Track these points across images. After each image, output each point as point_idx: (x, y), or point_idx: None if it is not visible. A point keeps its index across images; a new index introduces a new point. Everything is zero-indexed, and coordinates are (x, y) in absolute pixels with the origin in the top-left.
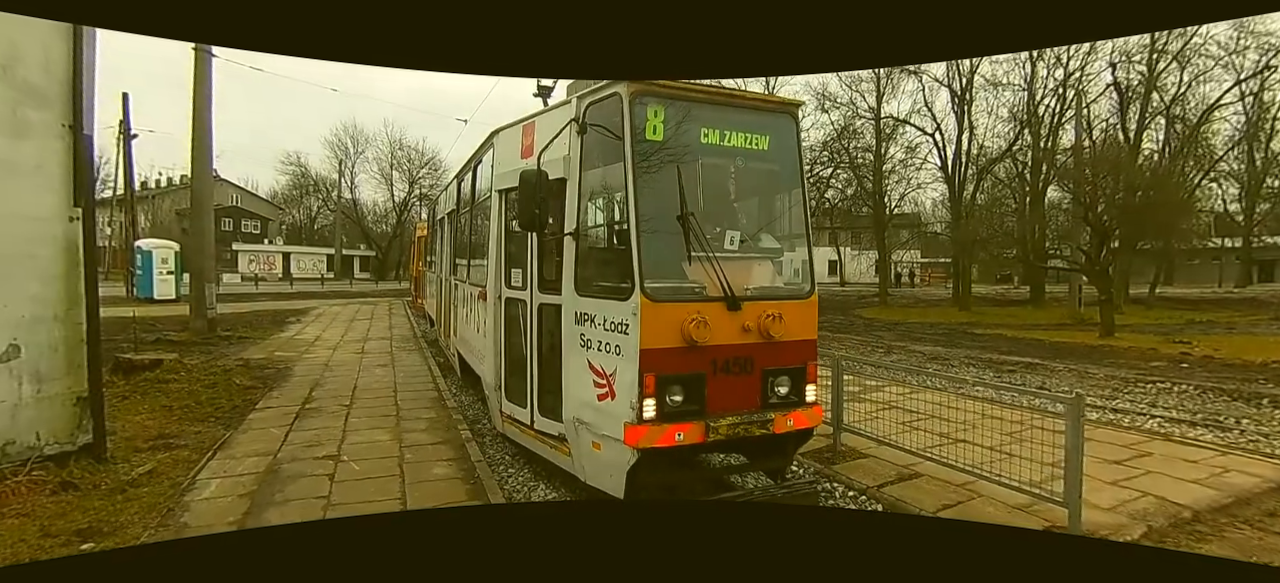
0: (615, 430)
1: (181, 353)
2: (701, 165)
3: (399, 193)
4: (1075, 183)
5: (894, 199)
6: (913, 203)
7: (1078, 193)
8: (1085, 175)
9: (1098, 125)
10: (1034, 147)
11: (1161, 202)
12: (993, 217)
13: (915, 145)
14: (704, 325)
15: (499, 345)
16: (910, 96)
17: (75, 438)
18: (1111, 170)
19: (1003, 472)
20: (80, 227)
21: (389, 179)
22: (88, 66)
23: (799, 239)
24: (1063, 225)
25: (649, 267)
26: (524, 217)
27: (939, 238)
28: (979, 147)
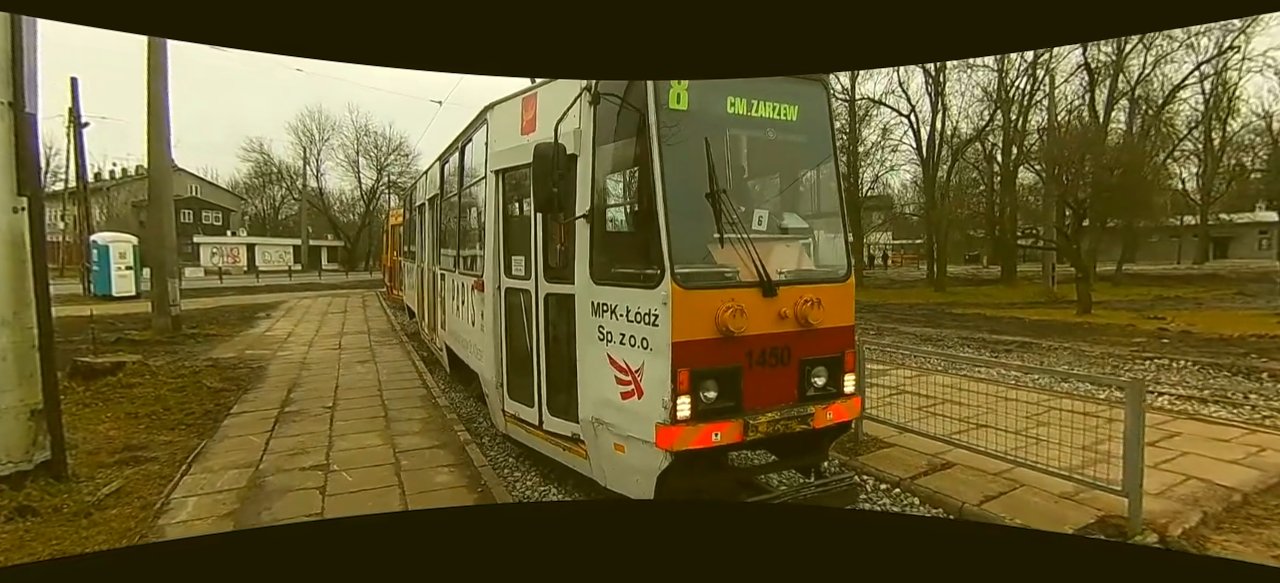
0: (643, 432)
1: (145, 354)
2: (729, 138)
3: (367, 181)
4: (1051, 162)
5: (867, 180)
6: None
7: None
8: (1061, 154)
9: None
10: (1006, 127)
11: (1136, 180)
12: (967, 197)
13: (889, 127)
14: (740, 314)
15: (499, 340)
16: (886, 77)
17: (31, 456)
18: (1087, 149)
19: (1035, 457)
20: (26, 218)
21: (356, 166)
22: (29, 36)
23: (832, 217)
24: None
25: (675, 251)
26: (540, 197)
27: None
28: (953, 128)
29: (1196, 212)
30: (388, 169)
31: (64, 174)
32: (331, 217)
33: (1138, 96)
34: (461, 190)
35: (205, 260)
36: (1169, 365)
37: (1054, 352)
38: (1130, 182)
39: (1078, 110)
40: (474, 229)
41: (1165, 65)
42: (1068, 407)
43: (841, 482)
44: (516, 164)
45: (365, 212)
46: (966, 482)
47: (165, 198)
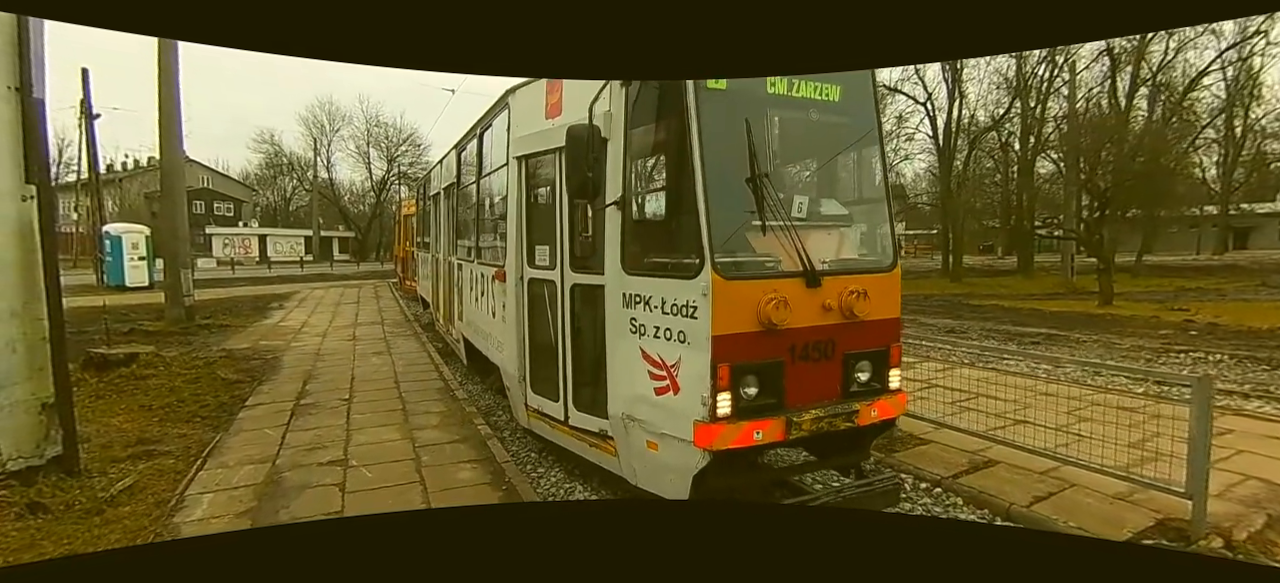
0: (680, 429)
1: (159, 345)
2: (769, 119)
3: (377, 172)
4: (1073, 150)
5: None
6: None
7: (1074, 160)
8: (1084, 142)
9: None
10: (1024, 115)
11: (1159, 168)
12: (983, 187)
13: (904, 115)
14: (784, 306)
15: (522, 332)
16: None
17: (42, 451)
18: (1111, 136)
19: (1082, 454)
20: (35, 206)
21: (366, 157)
22: (35, 19)
23: (877, 203)
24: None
25: (714, 239)
26: (573, 182)
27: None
28: (969, 115)
29: (1216, 201)
30: (398, 160)
31: (77, 165)
32: (342, 208)
33: (1159, 83)
34: (480, 178)
35: (217, 251)
36: (1204, 359)
37: (1083, 344)
38: (1153, 170)
39: (1097, 98)
40: (493, 218)
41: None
42: (1110, 402)
43: (884, 482)
44: (541, 150)
45: (376, 202)
46: (1012, 481)
47: (177, 189)
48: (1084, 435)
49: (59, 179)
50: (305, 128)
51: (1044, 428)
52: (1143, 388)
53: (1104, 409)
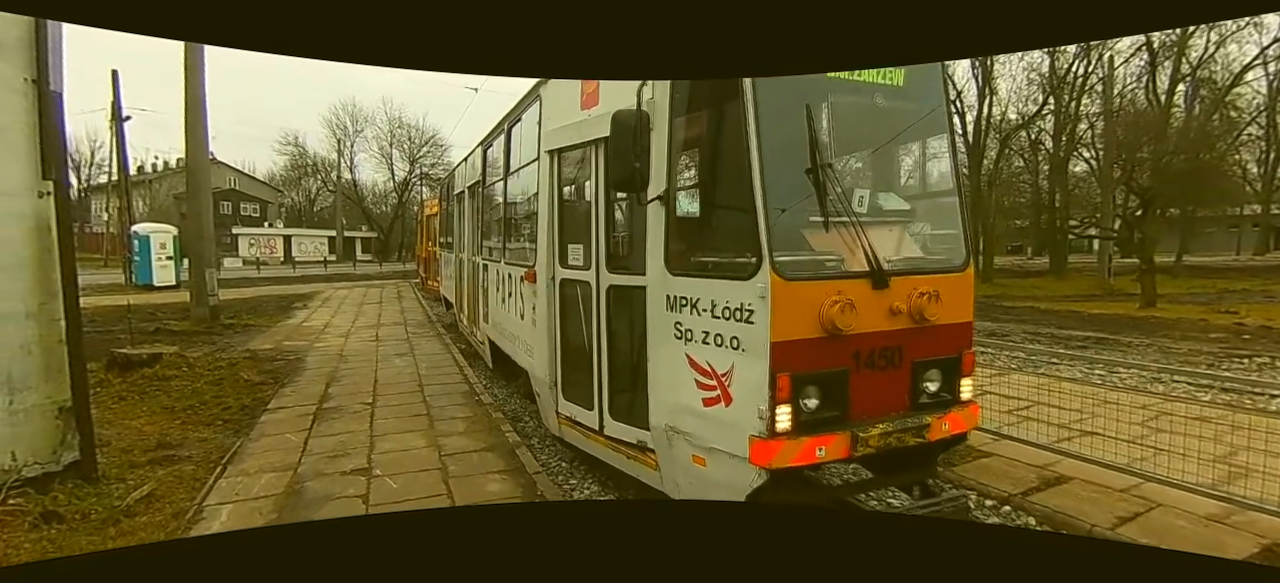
0: (733, 444)
1: (183, 345)
2: (829, 106)
3: (399, 173)
4: (1113, 147)
5: None
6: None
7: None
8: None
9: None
10: (1057, 112)
11: (1206, 166)
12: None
13: None
14: (850, 309)
15: (553, 336)
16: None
17: (59, 456)
18: (1152, 133)
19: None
20: (52, 203)
21: (389, 158)
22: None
23: (947, 196)
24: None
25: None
26: (617, 174)
27: None
28: (1001, 113)
29: (1258, 200)
30: (421, 161)
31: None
32: (365, 208)
33: (1200, 78)
34: (508, 175)
35: (243, 251)
36: (1271, 364)
37: (1137, 348)
38: (1199, 167)
39: (1132, 94)
40: (521, 217)
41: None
42: (1182, 410)
43: (951, 501)
44: (575, 142)
45: (398, 203)
46: (1089, 500)
47: (203, 190)
48: (1162, 448)
49: (91, 180)
50: (329, 129)
51: (1115, 440)
52: (1208, 396)
53: (1176, 419)
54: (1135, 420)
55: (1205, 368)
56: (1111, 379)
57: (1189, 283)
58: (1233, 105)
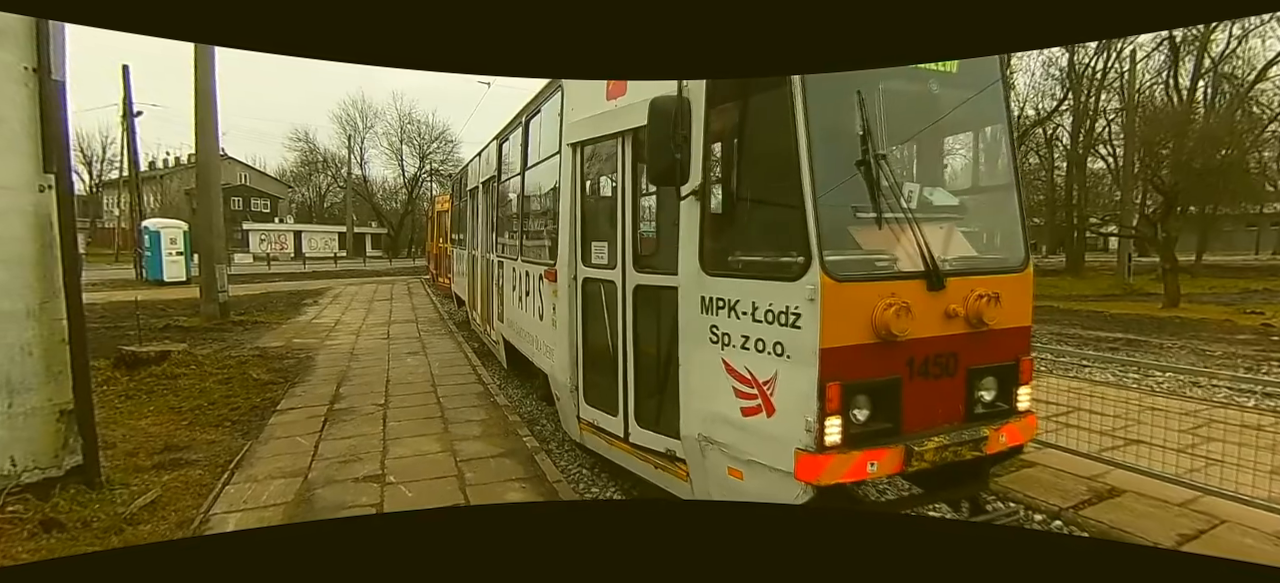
0: (775, 457)
1: (192, 342)
2: (882, 92)
3: (409, 169)
4: (1141, 143)
5: None
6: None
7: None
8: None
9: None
10: (1076, 108)
11: (1232, 163)
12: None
13: None
14: (905, 313)
15: (574, 337)
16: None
17: (61, 461)
18: (1177, 130)
19: (1221, 481)
20: (53, 196)
21: (399, 154)
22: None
23: (1004, 191)
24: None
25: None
26: (658, 165)
27: None
28: (1018, 109)
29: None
30: (431, 157)
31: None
32: (375, 205)
33: (1222, 74)
34: (525, 169)
35: (254, 247)
36: None
37: (1170, 351)
38: (1225, 165)
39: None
40: (540, 213)
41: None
42: (1232, 418)
43: (1004, 518)
44: (599, 135)
45: (408, 199)
46: (1146, 515)
47: (213, 184)
48: (1217, 458)
49: (103, 176)
50: (339, 126)
51: (1164, 449)
52: (1252, 401)
53: (1227, 427)
54: (1182, 428)
55: (1244, 372)
56: (1147, 383)
57: (1209, 282)
58: (1255, 101)
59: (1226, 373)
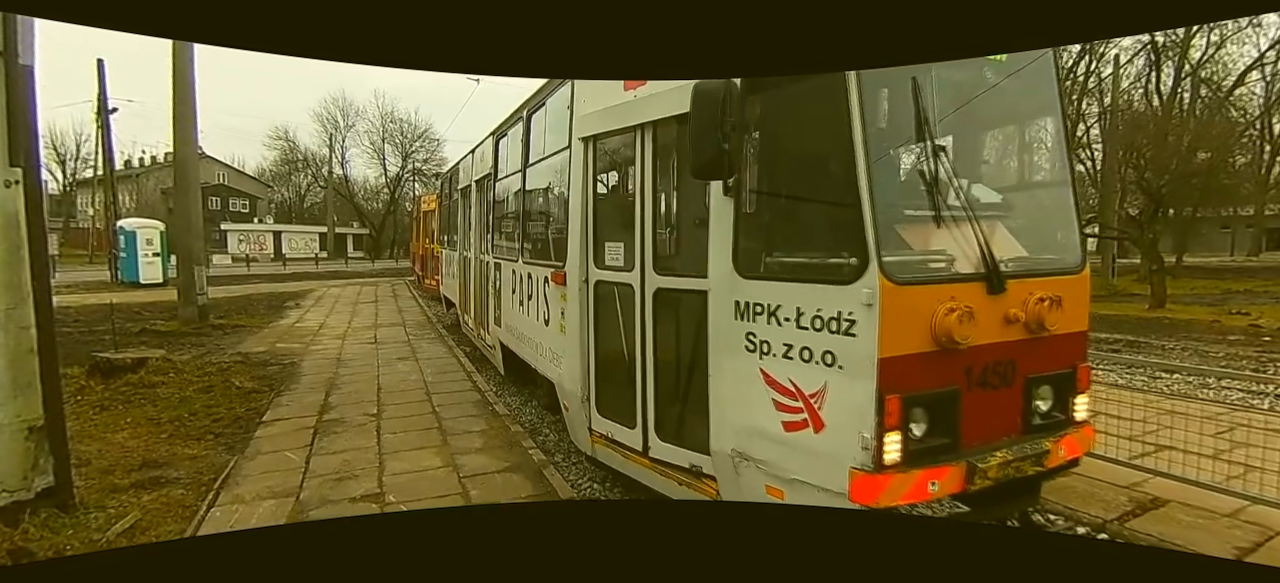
0: (823, 476)
1: (170, 347)
2: (934, 80)
3: (392, 168)
4: (1121, 147)
5: None
6: None
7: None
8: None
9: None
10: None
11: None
12: None
13: None
14: (968, 318)
15: (585, 344)
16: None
17: (30, 482)
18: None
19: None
20: (20, 193)
21: (381, 154)
22: None
23: (1059, 188)
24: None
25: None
26: (702, 157)
27: None
28: None
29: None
30: (413, 156)
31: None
32: (356, 204)
33: (1202, 79)
34: (527, 166)
35: (232, 247)
36: None
37: (1172, 352)
38: (1212, 167)
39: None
40: (544, 212)
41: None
42: (1255, 422)
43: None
44: (615, 128)
45: (390, 199)
46: (1196, 526)
47: (191, 184)
48: (1254, 465)
49: (77, 174)
50: (320, 124)
51: (1197, 455)
52: (1267, 403)
53: (1253, 431)
54: (1208, 433)
55: (1250, 373)
56: (1156, 386)
57: (1190, 283)
58: (1234, 105)
59: (1230, 374)
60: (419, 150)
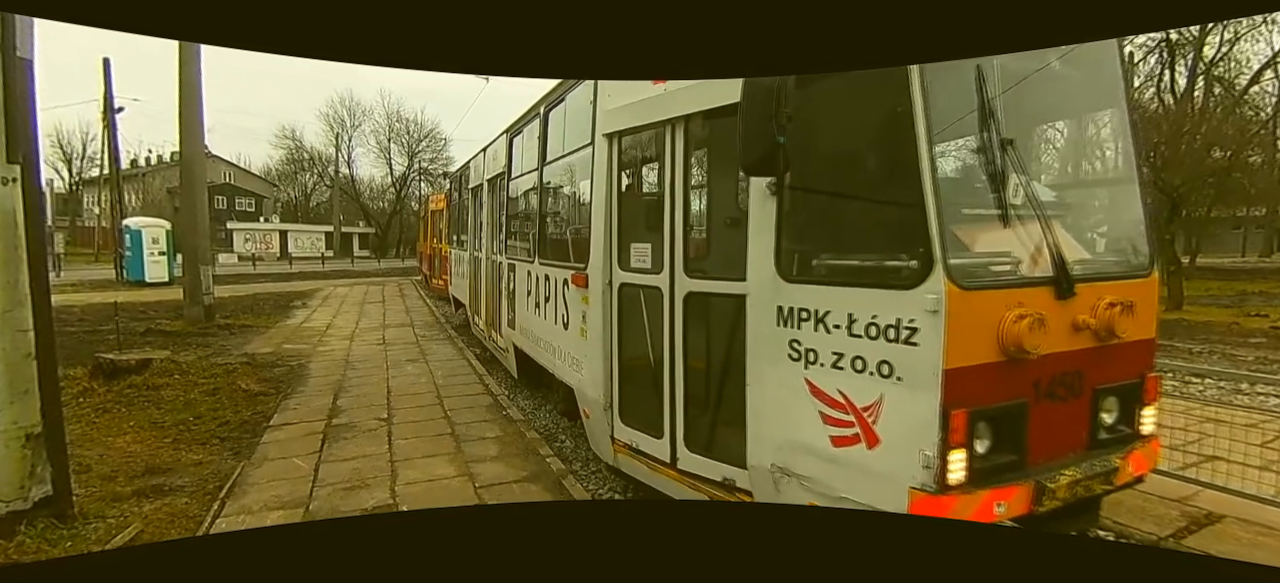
0: (877, 496)
1: (175, 348)
2: (999, 69)
3: (398, 168)
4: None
5: None
6: None
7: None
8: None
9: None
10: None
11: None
12: None
13: None
14: (1039, 326)
15: (608, 349)
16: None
17: (27, 492)
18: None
19: None
20: (19, 190)
21: (387, 153)
22: None
23: (1125, 185)
24: None
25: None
26: (755, 152)
27: None
28: None
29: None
30: (420, 156)
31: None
32: (362, 204)
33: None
34: (544, 164)
35: (238, 246)
36: None
37: (1199, 355)
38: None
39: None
40: (563, 212)
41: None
42: None
43: None
44: (643, 123)
45: (396, 198)
46: (1256, 543)
47: (197, 183)
48: None
49: (83, 173)
50: (326, 123)
51: (1245, 466)
52: None
53: None
54: (1254, 442)
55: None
56: (1188, 391)
57: (1204, 284)
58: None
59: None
60: (425, 150)
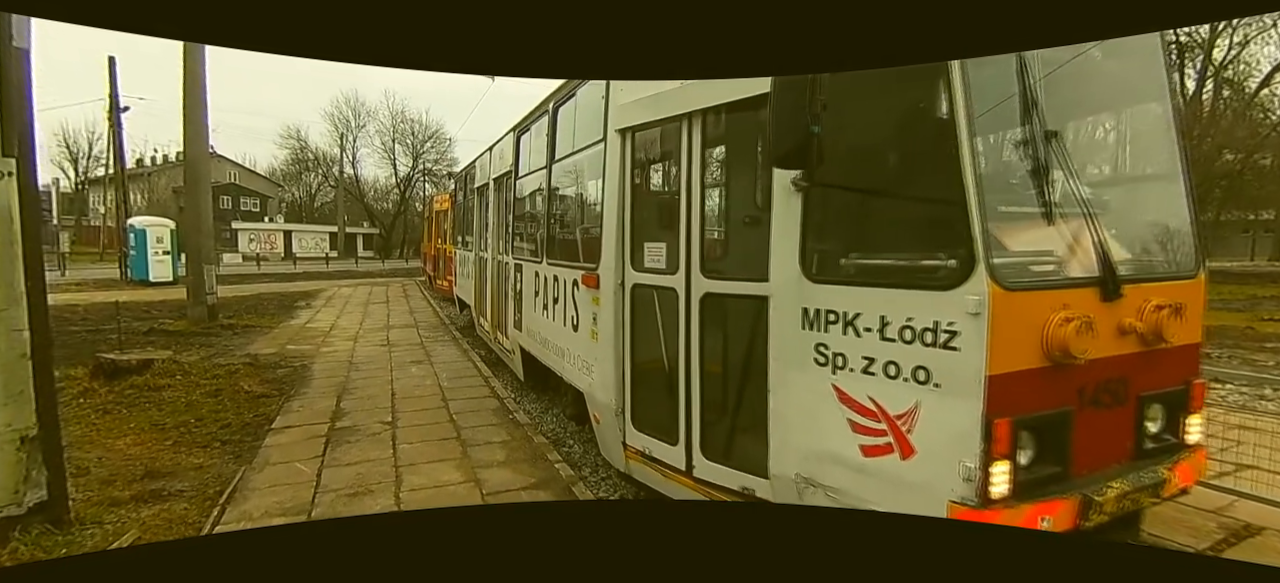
0: (915, 510)
1: (177, 348)
2: (1040, 60)
3: (402, 168)
4: None
5: None
6: None
7: None
8: None
9: None
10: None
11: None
12: None
13: None
14: (1087, 330)
15: (620, 352)
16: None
17: (22, 496)
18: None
19: None
20: (14, 185)
21: (392, 153)
22: None
23: (1169, 181)
24: None
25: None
26: (787, 145)
27: None
28: None
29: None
30: (424, 157)
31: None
32: (367, 204)
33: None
34: (552, 162)
35: (243, 246)
36: None
37: (1216, 359)
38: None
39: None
40: (572, 211)
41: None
42: None
43: None
44: (658, 118)
45: (401, 199)
46: None
47: (202, 182)
48: None
49: (88, 173)
50: (331, 124)
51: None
52: None
53: None
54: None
55: None
56: (1209, 396)
57: (1216, 288)
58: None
59: None
60: (430, 150)
